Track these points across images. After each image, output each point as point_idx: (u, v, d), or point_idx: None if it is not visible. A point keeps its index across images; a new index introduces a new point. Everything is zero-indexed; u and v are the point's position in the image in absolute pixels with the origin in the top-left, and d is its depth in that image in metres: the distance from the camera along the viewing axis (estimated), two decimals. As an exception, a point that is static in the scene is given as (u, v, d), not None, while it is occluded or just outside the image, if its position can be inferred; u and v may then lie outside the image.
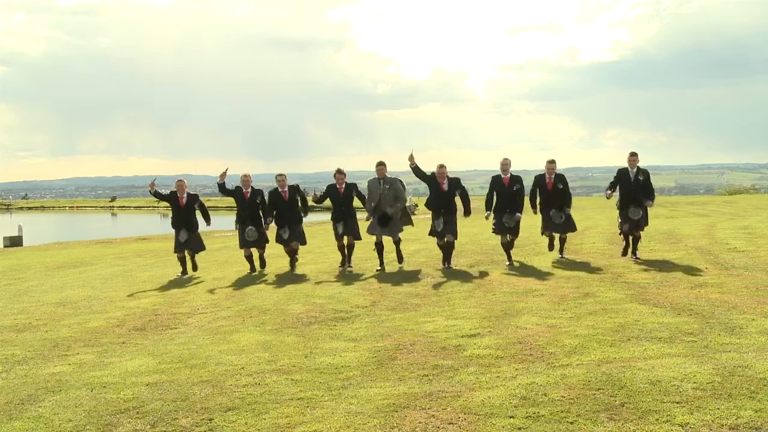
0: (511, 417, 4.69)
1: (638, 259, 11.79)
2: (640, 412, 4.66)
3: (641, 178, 11.90)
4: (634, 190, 11.91)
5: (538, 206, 12.46)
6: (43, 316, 9.16)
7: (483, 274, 10.99)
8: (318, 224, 26.97)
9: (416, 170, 11.79)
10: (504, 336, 6.95)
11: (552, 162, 12.43)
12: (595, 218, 22.04)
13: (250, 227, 12.51)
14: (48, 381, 6.13)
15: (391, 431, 4.59)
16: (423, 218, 20.21)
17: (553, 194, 12.30)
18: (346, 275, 11.47)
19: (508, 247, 12.36)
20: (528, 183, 12.71)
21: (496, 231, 12.28)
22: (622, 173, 12.04)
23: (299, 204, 12.77)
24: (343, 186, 12.51)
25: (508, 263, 12.00)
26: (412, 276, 10.97)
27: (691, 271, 10.02)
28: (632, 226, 11.97)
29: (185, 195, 12.87)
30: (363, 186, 12.70)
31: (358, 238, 12.59)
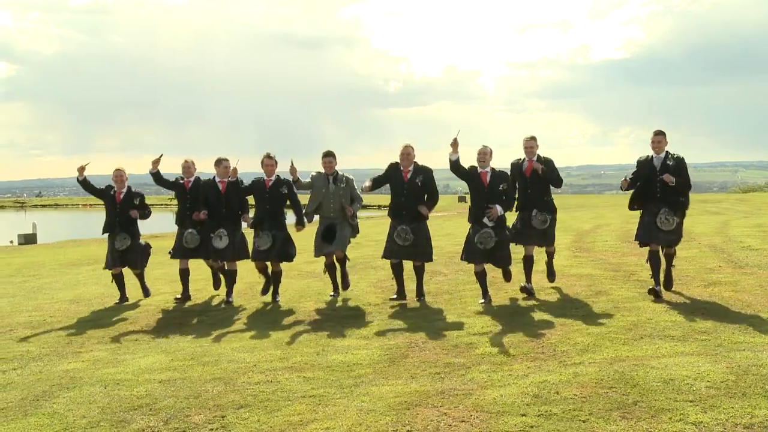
0: (523, 415, 4.68)
1: (671, 287, 8.62)
2: (653, 410, 4.64)
3: (671, 165, 8.37)
4: (661, 185, 8.43)
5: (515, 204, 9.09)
6: (57, 314, 9.22)
7: (495, 272, 10.97)
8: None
9: (455, 165, 8.34)
10: (516, 334, 6.93)
11: (531, 139, 8.95)
12: (607, 216, 21.94)
13: (190, 230, 9.52)
14: (62, 378, 6.18)
15: (403, 429, 4.59)
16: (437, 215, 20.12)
17: (534, 183, 8.88)
18: (359, 271, 11.39)
19: (483, 276, 8.61)
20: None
21: (464, 256, 8.64)
22: (643, 163, 8.59)
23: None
24: (272, 180, 9.23)
25: (482, 300, 8.50)
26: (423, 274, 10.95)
27: (704, 269, 9.96)
28: (658, 237, 8.50)
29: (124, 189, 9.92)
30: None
31: (288, 258, 9.33)
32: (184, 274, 9.79)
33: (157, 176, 9.73)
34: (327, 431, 4.61)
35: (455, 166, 8.30)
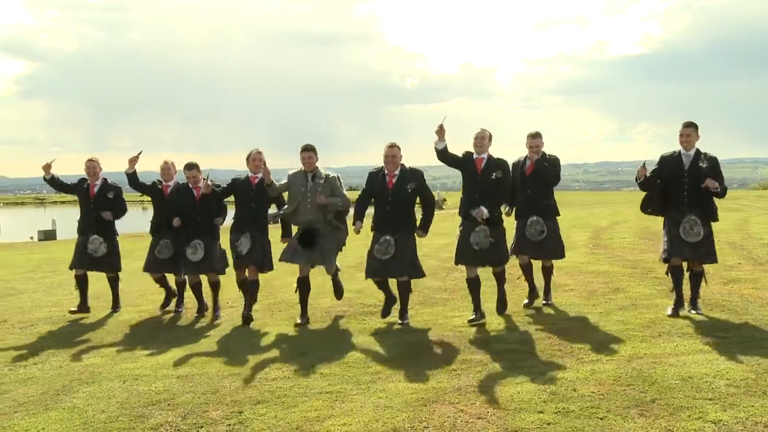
0: (540, 412, 4.67)
1: (699, 312, 7.20)
2: (671, 408, 4.61)
3: (704, 167, 7.04)
4: (690, 187, 7.11)
5: (514, 207, 8.08)
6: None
7: (512, 269, 10.93)
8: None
9: (443, 153, 7.43)
10: (533, 331, 6.91)
11: (537, 135, 7.82)
12: (625, 213, 21.79)
13: (165, 240, 8.56)
14: (81, 373, 6.23)
15: (419, 425, 4.59)
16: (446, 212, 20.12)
17: (534, 183, 7.84)
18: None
19: (476, 286, 7.50)
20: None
21: (458, 259, 7.58)
22: (667, 160, 7.25)
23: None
24: (258, 177, 8.27)
25: (472, 317, 7.37)
26: (440, 271, 10.93)
27: (723, 266, 9.87)
28: (682, 250, 7.20)
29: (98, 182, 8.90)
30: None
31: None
32: (163, 282, 8.95)
33: (132, 178, 8.57)
34: (344, 427, 4.62)
35: (443, 155, 7.40)
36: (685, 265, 7.39)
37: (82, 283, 8.97)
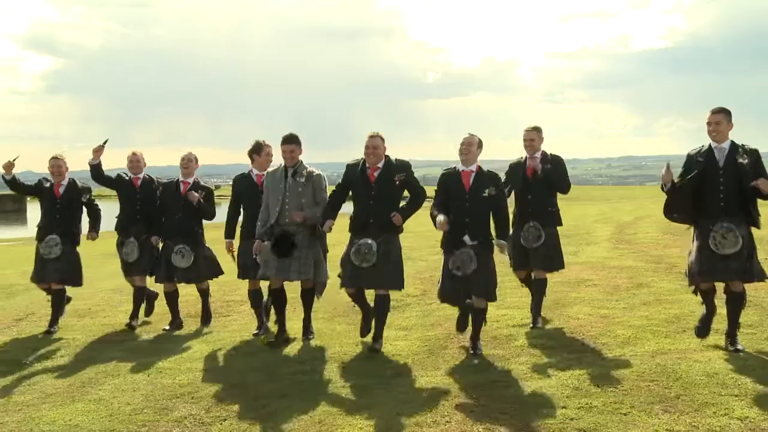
0: (563, 407, 4.66)
1: (738, 349, 5.68)
2: (696, 404, 4.57)
3: (744, 162, 5.61)
4: (727, 189, 5.67)
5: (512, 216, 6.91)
6: (101, 302, 9.40)
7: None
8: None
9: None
10: (556, 326, 6.88)
11: (533, 129, 6.97)
12: (649, 207, 21.61)
13: (131, 240, 7.78)
14: (107, 365, 6.31)
15: (441, 420, 4.59)
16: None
17: (536, 188, 6.91)
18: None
19: (462, 324, 6.47)
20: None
21: (442, 295, 6.38)
22: (695, 159, 5.82)
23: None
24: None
25: (471, 351, 6.12)
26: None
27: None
28: (714, 269, 5.72)
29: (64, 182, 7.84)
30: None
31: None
32: (139, 293, 7.96)
33: (97, 170, 7.69)
34: (366, 421, 4.63)
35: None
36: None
37: (58, 298, 7.82)
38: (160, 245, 7.82)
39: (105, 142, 7.73)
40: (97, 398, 5.36)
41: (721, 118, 5.72)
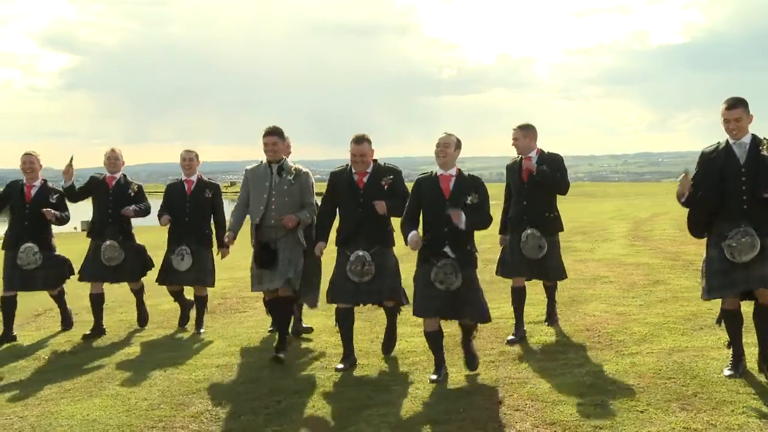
0: (579, 404, 4.64)
1: None
2: (714, 402, 4.54)
3: None
4: (750, 189, 4.87)
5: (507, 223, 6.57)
6: (118, 298, 9.46)
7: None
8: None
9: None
10: (572, 323, 6.85)
11: (522, 128, 6.33)
12: (666, 204, 21.46)
13: (109, 242, 7.22)
14: (124, 361, 6.36)
15: (457, 417, 4.59)
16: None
17: (532, 192, 6.30)
18: (410, 260, 11.32)
19: (439, 340, 5.54)
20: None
21: (417, 309, 5.48)
22: (711, 158, 5.04)
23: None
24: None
25: (434, 376, 5.37)
26: (479, 263, 10.89)
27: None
28: (734, 279, 4.93)
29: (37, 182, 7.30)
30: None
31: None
32: (98, 301, 7.44)
33: (71, 191, 7.26)
34: (381, 417, 4.64)
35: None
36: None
37: (9, 307, 7.29)
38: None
39: (71, 160, 7.21)
40: (114, 393, 5.40)
41: (740, 113, 4.90)
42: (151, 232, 7.74)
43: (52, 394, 5.48)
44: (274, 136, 6.08)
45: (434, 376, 5.35)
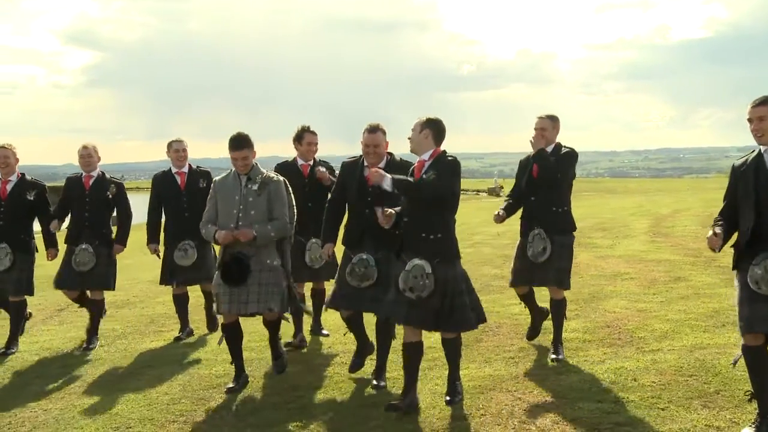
0: (599, 401, 4.62)
1: None
2: (736, 400, 4.50)
3: None
4: None
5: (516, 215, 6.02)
6: (139, 293, 9.56)
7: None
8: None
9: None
10: (592, 320, 6.82)
11: (547, 117, 5.78)
12: (688, 200, 21.28)
13: (84, 246, 6.67)
14: (145, 355, 6.42)
15: (476, 413, 4.59)
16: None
17: (539, 186, 5.75)
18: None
19: (417, 355, 4.90)
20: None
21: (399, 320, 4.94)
22: (742, 172, 4.16)
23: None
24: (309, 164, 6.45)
25: (394, 402, 4.81)
26: (496, 258, 10.87)
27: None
28: (757, 311, 4.01)
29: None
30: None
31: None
32: (83, 300, 7.04)
33: (54, 216, 6.79)
34: (402, 413, 4.63)
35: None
36: None
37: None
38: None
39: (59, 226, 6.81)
40: (135, 387, 5.45)
41: (765, 111, 4.04)
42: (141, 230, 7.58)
43: (74, 388, 5.55)
44: (244, 149, 5.23)
45: (394, 402, 4.75)
